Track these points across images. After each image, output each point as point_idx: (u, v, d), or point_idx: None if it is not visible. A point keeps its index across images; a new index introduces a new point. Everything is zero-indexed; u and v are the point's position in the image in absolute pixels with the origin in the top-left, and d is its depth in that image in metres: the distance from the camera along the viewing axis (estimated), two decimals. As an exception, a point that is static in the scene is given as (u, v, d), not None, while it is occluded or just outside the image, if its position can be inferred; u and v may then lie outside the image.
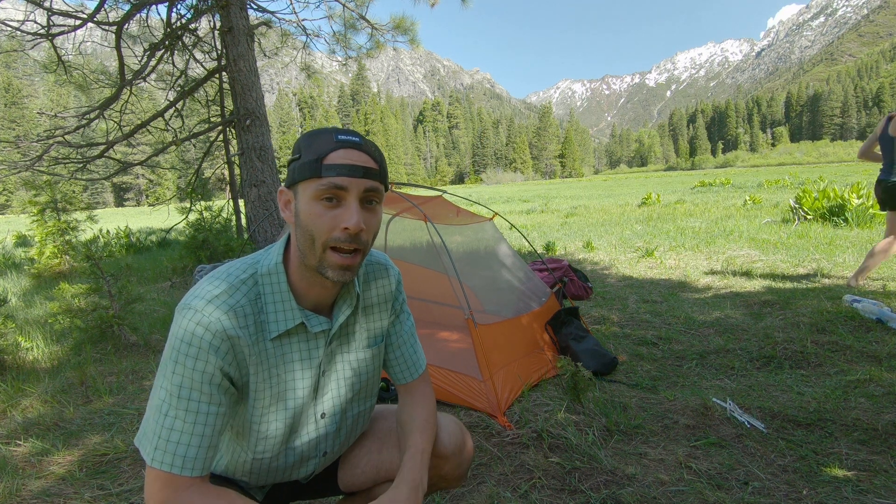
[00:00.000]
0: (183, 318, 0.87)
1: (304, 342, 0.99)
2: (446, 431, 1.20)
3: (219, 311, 0.87)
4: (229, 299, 0.89)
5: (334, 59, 9.07)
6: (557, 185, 53.06)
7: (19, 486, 2.00)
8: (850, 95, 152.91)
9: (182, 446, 0.85)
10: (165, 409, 0.86)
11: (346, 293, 1.03)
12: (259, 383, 0.95)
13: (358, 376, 1.10)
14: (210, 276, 0.93)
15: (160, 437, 0.85)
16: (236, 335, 0.89)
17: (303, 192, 0.89)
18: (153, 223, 19.12)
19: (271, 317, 0.94)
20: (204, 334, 0.86)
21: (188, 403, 0.85)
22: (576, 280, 4.58)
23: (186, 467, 0.85)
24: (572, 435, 2.16)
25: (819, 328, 3.40)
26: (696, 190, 23.51)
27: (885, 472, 1.87)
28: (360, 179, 0.87)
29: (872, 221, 7.82)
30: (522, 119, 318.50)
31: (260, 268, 0.95)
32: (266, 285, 0.94)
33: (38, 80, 67.03)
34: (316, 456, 1.10)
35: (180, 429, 0.85)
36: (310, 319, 0.97)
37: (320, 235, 0.87)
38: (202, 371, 0.86)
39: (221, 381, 0.88)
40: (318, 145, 0.88)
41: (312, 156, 0.87)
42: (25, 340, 3.82)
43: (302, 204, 0.89)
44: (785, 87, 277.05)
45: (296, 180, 0.90)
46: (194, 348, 0.85)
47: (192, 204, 6.89)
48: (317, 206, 0.87)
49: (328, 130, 0.90)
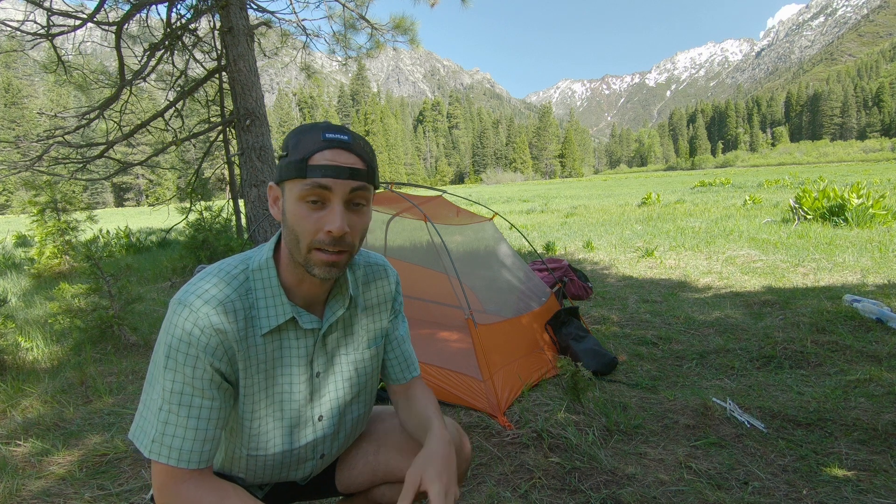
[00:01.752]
0: (174, 313, 0.87)
1: (294, 339, 0.99)
2: None
3: (208, 307, 0.88)
4: (219, 294, 0.90)
5: (334, 59, 9.07)
6: (557, 185, 53.05)
7: (19, 486, 2.00)
8: (850, 95, 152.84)
9: (178, 440, 0.86)
10: (159, 403, 0.87)
11: (339, 292, 1.03)
12: (248, 379, 0.95)
13: (359, 376, 1.10)
14: (202, 273, 0.94)
15: (156, 431, 0.86)
16: (225, 330, 0.89)
17: (289, 191, 0.88)
18: (153, 223, 19.11)
19: (262, 312, 0.93)
20: (193, 330, 0.86)
21: (181, 398, 0.86)
22: (576, 280, 4.58)
23: (182, 460, 0.86)
24: (572, 435, 2.16)
25: (819, 328, 3.40)
26: (695, 190, 23.52)
27: (885, 472, 1.87)
28: (345, 181, 0.86)
29: (872, 221, 7.81)
30: (522, 119, 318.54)
31: (251, 263, 0.95)
32: (257, 280, 0.94)
33: (38, 80, 66.98)
34: (313, 458, 1.09)
35: (175, 423, 0.86)
36: (301, 316, 0.97)
37: (305, 237, 0.87)
38: (193, 367, 0.86)
39: (213, 376, 0.89)
40: (305, 144, 0.86)
41: (298, 155, 0.86)
42: (25, 340, 3.82)
43: (288, 203, 0.89)
44: (785, 87, 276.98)
45: (282, 178, 0.89)
46: (185, 344, 0.86)
47: (192, 204, 6.89)
48: (302, 207, 0.87)
49: (317, 127, 0.89)
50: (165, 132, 8.07)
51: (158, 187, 67.90)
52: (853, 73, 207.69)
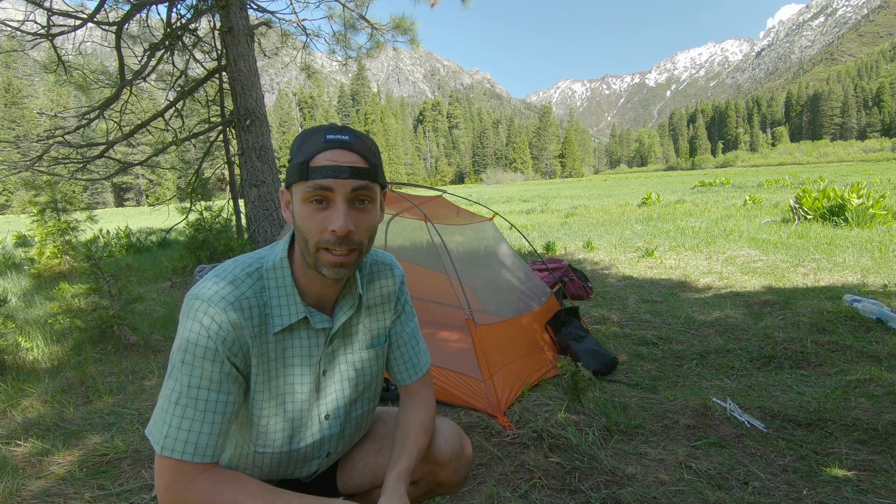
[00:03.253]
0: (191, 308, 0.89)
1: (305, 339, 1.00)
2: (444, 437, 1.18)
3: (224, 302, 0.89)
4: (235, 290, 0.91)
5: (334, 59, 9.06)
6: (557, 185, 53.05)
7: (19, 486, 2.00)
8: (850, 95, 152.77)
9: (193, 433, 0.86)
10: (175, 397, 0.87)
11: (349, 293, 1.04)
12: (258, 376, 0.96)
13: (361, 376, 1.10)
14: (217, 269, 0.95)
15: (171, 426, 0.87)
16: (241, 325, 0.91)
17: (296, 194, 0.91)
18: (153, 223, 19.11)
19: (275, 311, 0.95)
20: (210, 325, 0.88)
21: (198, 392, 0.87)
22: (576, 280, 4.58)
23: (198, 454, 0.86)
24: (572, 435, 2.16)
25: (819, 328, 3.40)
26: (696, 190, 23.52)
27: (885, 472, 1.87)
28: (345, 180, 0.87)
29: (872, 221, 7.81)
30: (522, 119, 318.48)
31: (265, 262, 0.97)
32: (271, 279, 0.96)
33: (38, 80, 66.97)
34: (319, 456, 1.10)
35: (191, 416, 0.87)
36: (313, 315, 0.98)
37: (311, 237, 0.89)
38: (211, 360, 0.88)
39: (231, 370, 0.91)
40: (308, 147, 0.89)
41: (301, 158, 0.88)
42: (25, 340, 3.82)
43: (296, 206, 0.91)
44: (785, 87, 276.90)
45: (289, 182, 0.91)
46: (203, 338, 0.87)
47: (192, 204, 6.89)
48: (307, 209, 0.89)
49: (319, 130, 0.90)
50: (165, 132, 8.07)
51: (158, 187, 67.88)
52: (853, 73, 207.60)
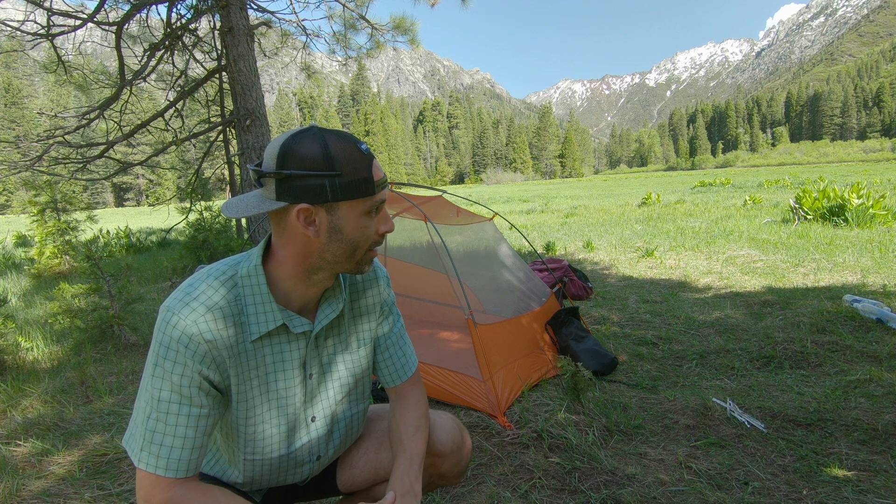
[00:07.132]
0: (163, 321, 0.88)
1: (286, 343, 0.99)
2: (443, 430, 1.20)
3: (196, 314, 0.87)
4: (208, 301, 0.89)
5: (334, 59, 9.06)
6: (557, 185, 53.05)
7: (19, 486, 2.01)
8: (850, 95, 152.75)
9: (165, 448, 0.86)
10: (148, 411, 0.87)
11: (332, 295, 1.03)
12: (241, 384, 0.95)
13: (349, 377, 1.10)
14: (190, 280, 0.93)
15: (145, 440, 0.86)
16: (213, 339, 0.88)
17: (350, 209, 0.90)
18: (153, 223, 19.12)
19: (252, 318, 0.93)
20: (181, 337, 0.86)
21: (169, 406, 0.86)
22: (576, 280, 4.58)
23: (171, 469, 0.86)
24: (572, 435, 2.16)
25: (819, 328, 3.40)
26: (696, 190, 23.52)
27: (885, 472, 1.87)
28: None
29: (872, 221, 7.81)
30: (522, 119, 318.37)
31: (240, 269, 0.95)
32: (246, 287, 0.93)
33: (38, 80, 66.99)
34: (310, 461, 1.09)
35: (163, 431, 0.86)
36: (292, 320, 0.97)
37: (364, 244, 0.95)
38: (181, 374, 0.86)
39: (201, 383, 0.89)
40: (357, 162, 0.89)
41: (359, 175, 0.89)
42: (25, 340, 3.82)
43: (349, 220, 0.91)
44: (785, 87, 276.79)
45: (342, 198, 0.88)
46: (172, 352, 0.86)
47: (192, 204, 6.87)
48: (365, 220, 0.93)
49: (350, 140, 0.90)
50: (165, 132, 8.06)
51: (158, 187, 67.87)
52: (853, 73, 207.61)
